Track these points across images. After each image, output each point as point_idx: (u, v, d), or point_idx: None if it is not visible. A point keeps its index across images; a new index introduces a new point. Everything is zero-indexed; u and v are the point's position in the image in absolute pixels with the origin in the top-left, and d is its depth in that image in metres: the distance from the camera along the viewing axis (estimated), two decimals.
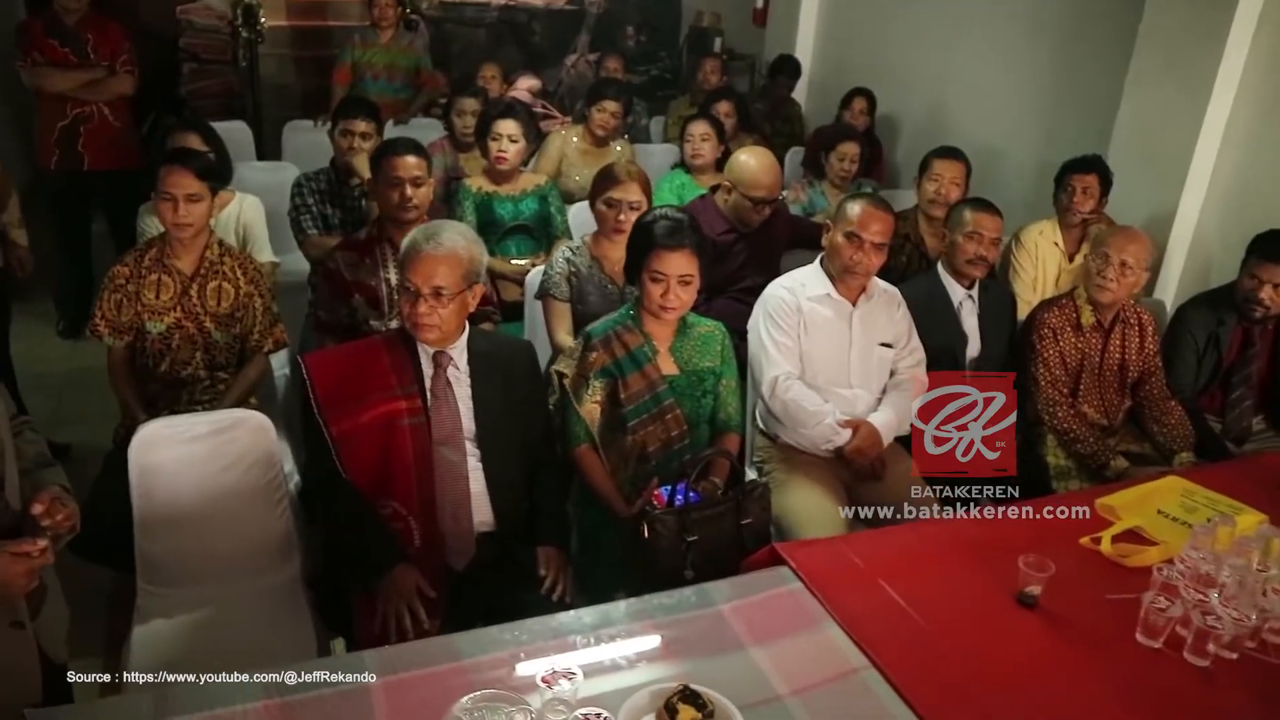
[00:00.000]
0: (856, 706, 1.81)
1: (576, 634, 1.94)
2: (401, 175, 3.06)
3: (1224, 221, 4.02)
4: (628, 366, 2.59)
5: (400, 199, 3.05)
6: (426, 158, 3.17)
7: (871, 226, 2.77)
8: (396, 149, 3.13)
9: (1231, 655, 2.04)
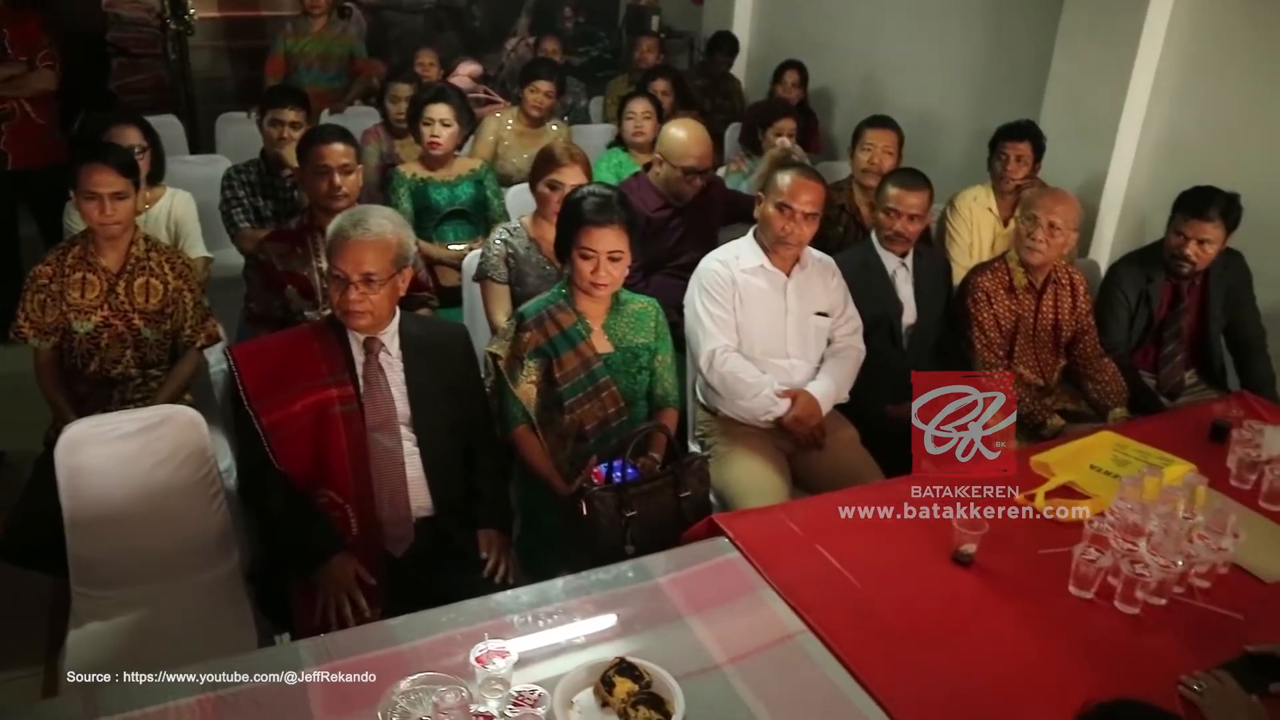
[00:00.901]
0: (793, 670, 1.83)
1: (514, 613, 1.94)
2: (329, 163, 3.02)
3: (1154, 180, 4.09)
4: (562, 345, 2.58)
5: (329, 188, 3.01)
6: (354, 145, 3.13)
7: (802, 196, 2.78)
8: (323, 136, 3.09)
9: (1160, 601, 2.09)
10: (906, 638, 1.93)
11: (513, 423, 2.61)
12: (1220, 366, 3.57)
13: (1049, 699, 1.82)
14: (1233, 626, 2.04)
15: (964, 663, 1.89)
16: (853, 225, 3.73)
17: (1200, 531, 2.20)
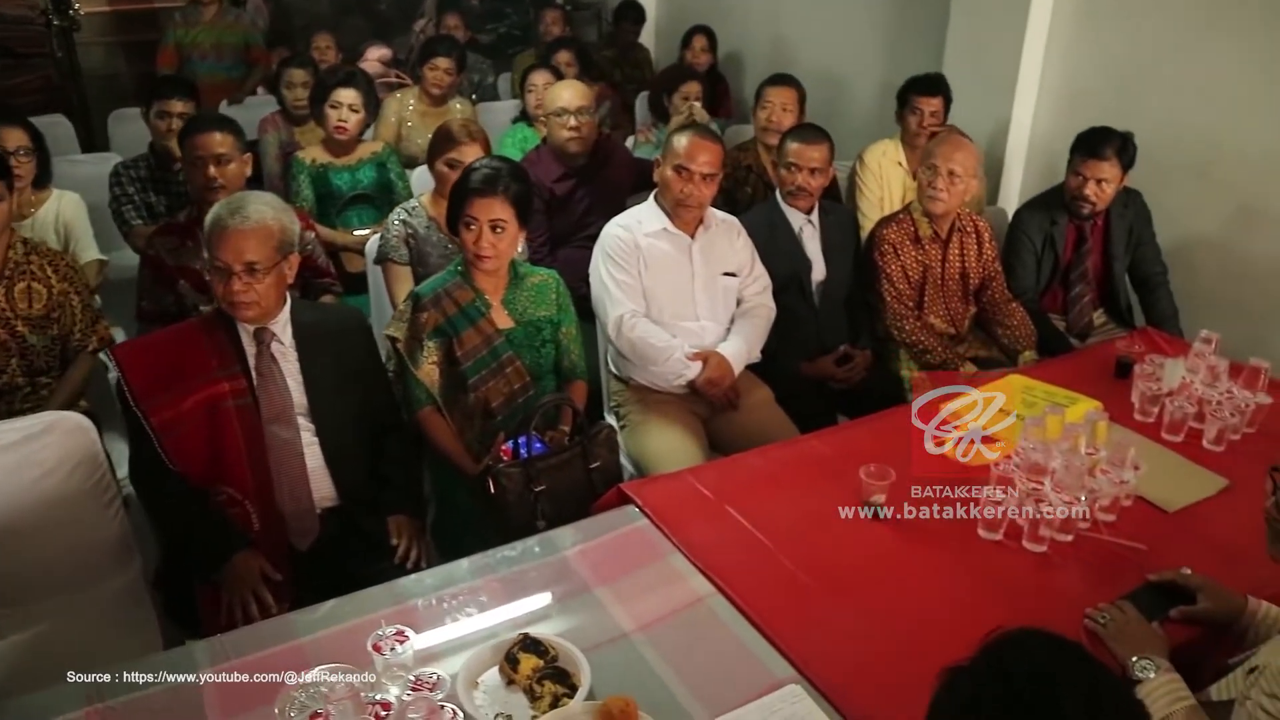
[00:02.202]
0: (703, 633, 1.81)
1: (418, 598, 1.90)
2: (203, 153, 2.92)
3: (1056, 127, 4.12)
4: (461, 323, 2.52)
5: (204, 179, 2.92)
6: (235, 133, 3.02)
7: (699, 158, 2.75)
8: (199, 126, 2.98)
9: (1067, 538, 2.11)
10: (817, 592, 1.93)
11: (417, 405, 2.55)
12: (1127, 305, 3.63)
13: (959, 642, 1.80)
14: (1137, 557, 2.07)
15: (874, 612, 1.89)
16: (760, 185, 3.71)
17: (1102, 466, 2.22)
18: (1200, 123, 3.69)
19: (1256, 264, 3.62)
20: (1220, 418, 2.50)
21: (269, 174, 4.27)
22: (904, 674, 1.72)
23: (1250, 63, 3.52)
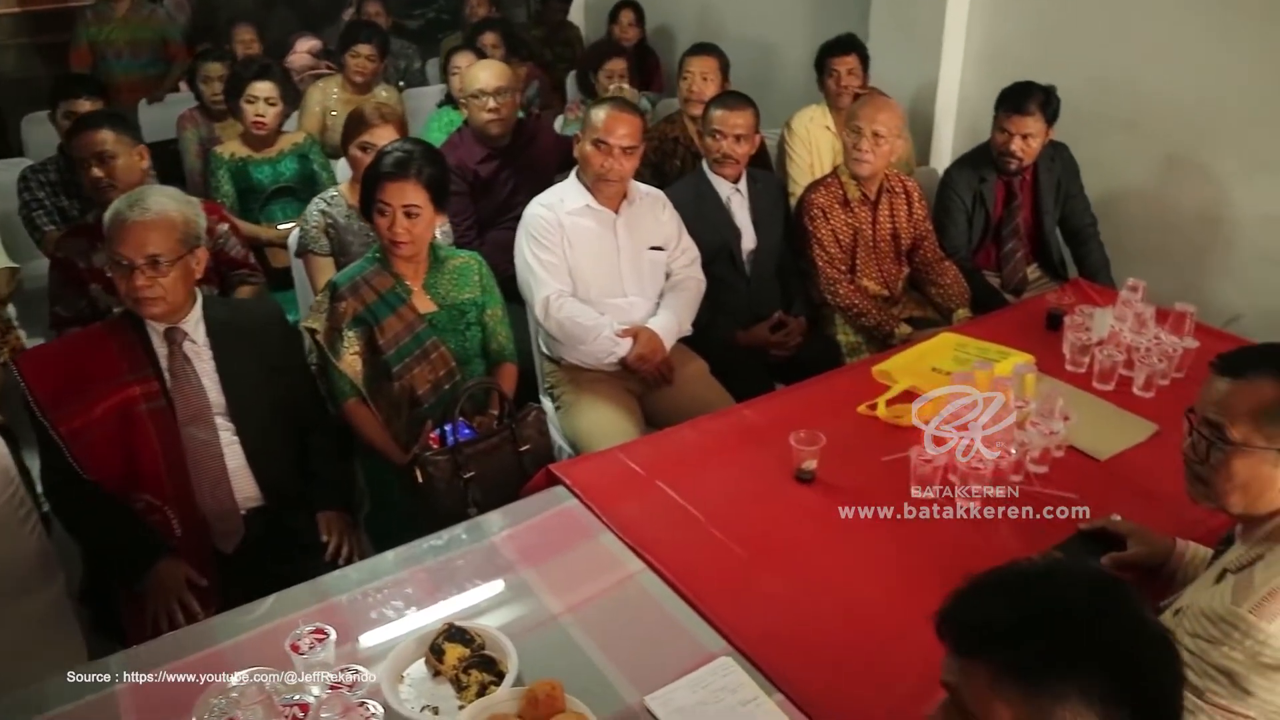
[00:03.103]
0: (633, 611, 1.79)
1: (342, 594, 1.85)
2: (86, 153, 2.83)
3: (983, 83, 4.12)
4: (381, 311, 2.46)
5: (91, 179, 2.83)
6: (121, 129, 2.90)
7: (617, 131, 2.70)
8: (86, 124, 2.90)
9: (1000, 492, 2.10)
10: (749, 563, 1.90)
11: (342, 397, 2.49)
12: (1059, 258, 3.64)
13: (893, 604, 1.81)
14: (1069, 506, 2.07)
15: (807, 580, 1.87)
16: (689, 157, 3.67)
17: (1032, 419, 2.22)
18: (1125, 74, 3.71)
19: (1183, 212, 3.65)
20: (1148, 364, 2.51)
21: (190, 171, 4.17)
22: (836, 640, 1.73)
23: (1172, 14, 3.53)
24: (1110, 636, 1.03)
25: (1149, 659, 1.04)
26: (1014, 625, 1.06)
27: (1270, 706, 1.36)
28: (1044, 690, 1.03)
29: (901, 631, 1.72)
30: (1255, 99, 3.37)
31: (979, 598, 1.10)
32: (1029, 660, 1.04)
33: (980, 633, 1.08)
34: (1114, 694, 1.01)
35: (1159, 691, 1.03)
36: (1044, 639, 1.04)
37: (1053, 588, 1.08)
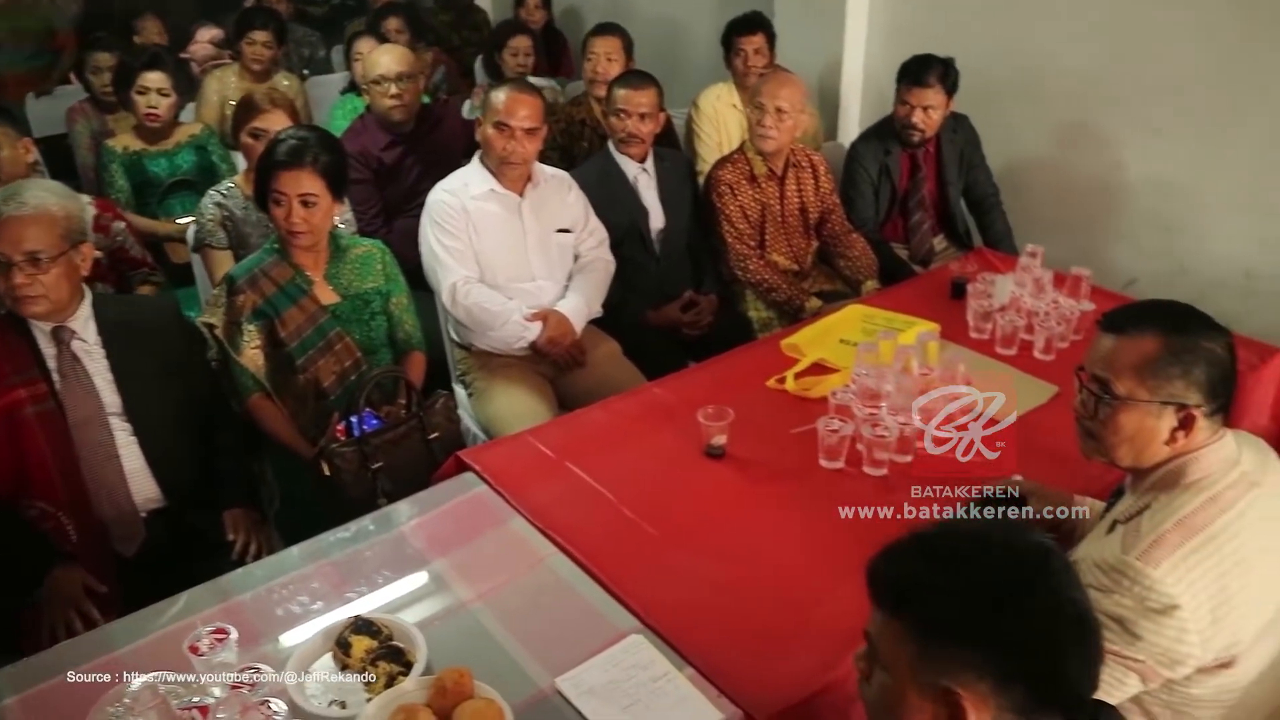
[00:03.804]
0: (544, 594, 1.78)
1: (246, 591, 1.80)
2: None
3: (887, 57, 4.14)
4: (282, 303, 2.41)
5: None
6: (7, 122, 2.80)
7: (519, 112, 2.67)
8: None
9: (906, 459, 2.13)
10: (659, 540, 1.91)
11: (245, 393, 2.43)
12: (965, 228, 3.71)
13: (802, 572, 1.83)
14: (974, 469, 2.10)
15: (719, 555, 1.88)
16: (596, 139, 3.65)
17: (936, 385, 2.25)
18: (1021, 46, 3.78)
19: (1080, 179, 3.74)
20: (1047, 327, 2.57)
21: (82, 165, 4.03)
22: (747, 611, 1.74)
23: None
24: (1018, 619, 1.05)
25: (1056, 642, 1.05)
26: (928, 590, 1.09)
27: (1157, 649, 1.40)
28: (937, 656, 1.06)
29: (811, 599, 1.74)
30: (1142, 68, 3.46)
31: (908, 555, 1.13)
32: (927, 627, 1.07)
33: (896, 590, 1.11)
34: (1010, 673, 1.04)
35: (1062, 672, 1.06)
36: (953, 610, 1.07)
37: (980, 558, 1.10)
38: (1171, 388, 1.47)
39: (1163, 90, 3.43)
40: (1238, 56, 3.22)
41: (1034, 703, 1.06)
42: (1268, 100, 3.18)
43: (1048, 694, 1.06)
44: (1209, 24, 3.26)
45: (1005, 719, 1.06)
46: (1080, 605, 1.09)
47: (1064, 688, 1.07)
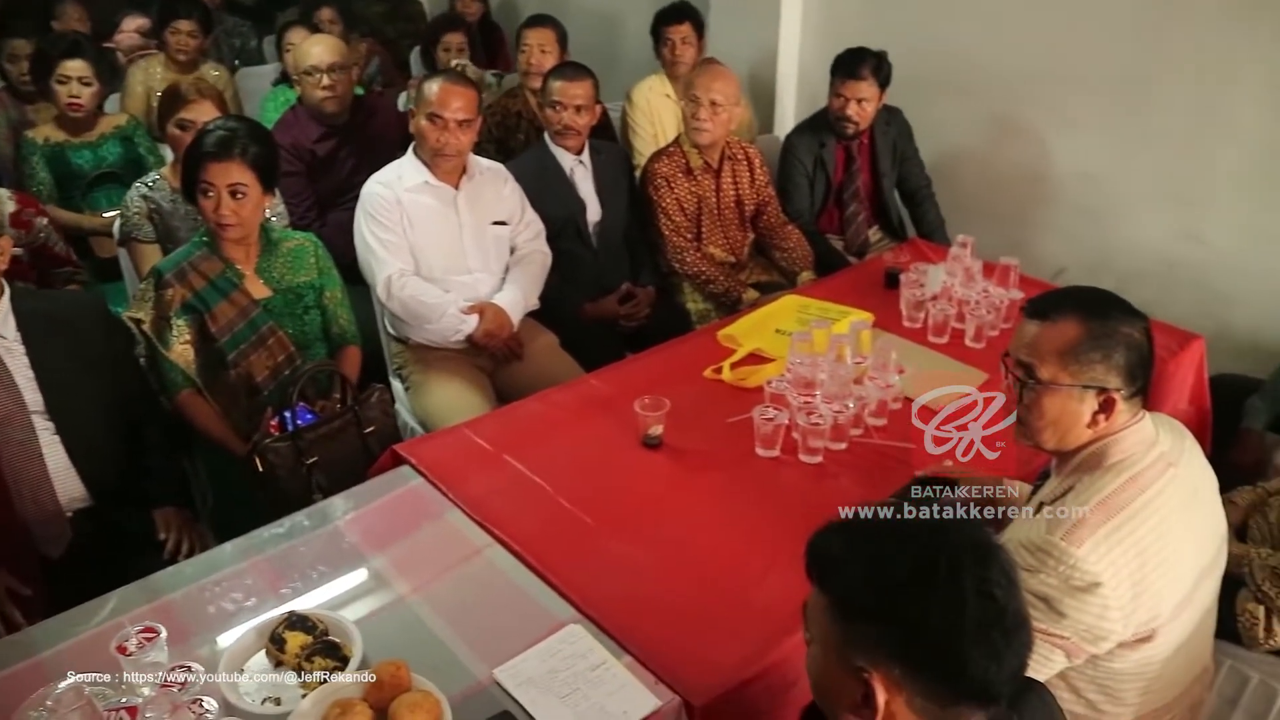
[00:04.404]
0: (481, 586, 1.77)
1: (177, 589, 1.77)
2: None
3: (821, 52, 4.18)
4: (212, 297, 2.36)
5: None
6: None
7: (452, 104, 2.65)
8: None
9: (840, 446, 2.16)
10: (597, 530, 1.91)
11: (174, 389, 2.39)
12: (899, 220, 3.76)
13: (739, 558, 1.84)
14: (907, 455, 2.13)
15: (656, 544, 1.89)
16: (532, 131, 3.63)
17: (870, 373, 2.29)
18: (952, 40, 3.84)
19: (1009, 171, 3.82)
20: (978, 316, 2.63)
21: (0, 157, 3.90)
22: (684, 598, 1.75)
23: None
24: (924, 604, 1.05)
25: (961, 631, 1.04)
26: (846, 566, 1.10)
27: (1081, 625, 1.44)
28: (853, 634, 1.08)
29: (747, 586, 1.76)
30: (1068, 61, 3.54)
31: (837, 533, 1.16)
32: (850, 604, 1.09)
33: (820, 565, 1.14)
34: (918, 659, 1.05)
35: (968, 663, 1.04)
36: (865, 588, 1.08)
37: (900, 541, 1.12)
38: (1092, 372, 1.51)
39: (1083, 84, 3.51)
40: (1147, 51, 3.31)
41: (947, 694, 1.05)
42: (1177, 94, 3.28)
43: (958, 686, 1.05)
44: (1120, 19, 3.35)
45: (921, 707, 1.06)
46: (1001, 600, 1.06)
47: (973, 680, 1.05)
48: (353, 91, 3.47)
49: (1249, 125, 3.15)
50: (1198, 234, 3.37)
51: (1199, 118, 3.25)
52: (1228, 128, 3.20)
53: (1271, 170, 3.14)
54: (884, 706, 1.06)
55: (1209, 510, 1.61)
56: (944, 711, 1.07)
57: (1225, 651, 2.01)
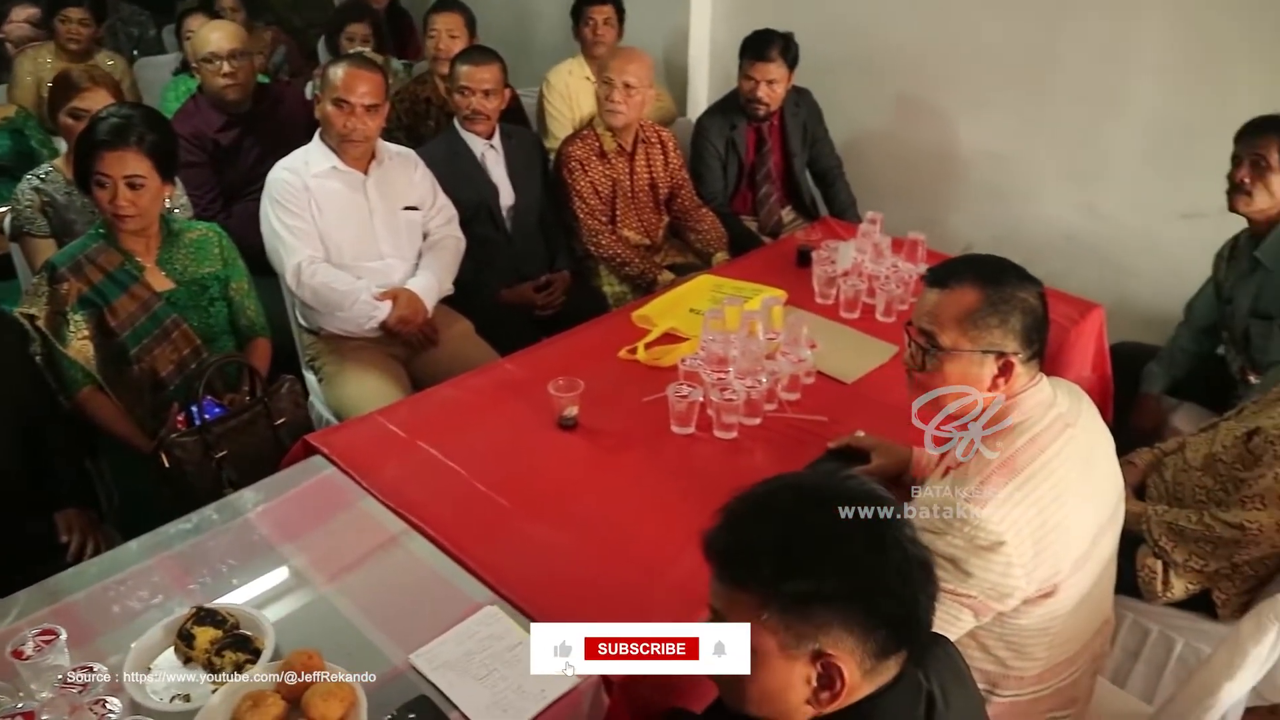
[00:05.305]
0: (396, 572, 1.75)
1: (79, 591, 1.72)
2: None
3: (731, 34, 4.20)
4: (111, 290, 2.29)
5: None
6: None
7: (358, 89, 2.60)
8: None
9: (755, 421, 2.19)
10: (513, 512, 1.90)
11: (74, 387, 2.31)
12: (811, 200, 3.81)
13: (657, 535, 1.85)
14: (821, 429, 2.18)
15: (573, 523, 1.88)
16: (442, 117, 3.58)
17: (782, 349, 2.31)
18: (858, 21, 3.90)
19: (918, 150, 3.90)
20: (887, 290, 2.67)
21: None
22: (602, 576, 1.75)
23: None
24: (869, 573, 1.07)
25: (905, 585, 1.08)
26: (778, 559, 1.08)
27: (987, 583, 1.48)
28: (806, 621, 1.07)
29: (663, 562, 1.77)
30: (964, 43, 3.63)
31: (745, 524, 1.12)
32: (791, 596, 1.07)
33: (745, 565, 1.10)
34: (872, 621, 1.07)
35: (914, 611, 1.10)
36: (807, 577, 1.07)
37: (819, 515, 1.10)
38: (991, 337, 1.55)
39: (984, 65, 3.60)
40: (1050, 33, 3.41)
41: (892, 643, 1.08)
42: (1077, 75, 3.38)
43: (904, 631, 1.09)
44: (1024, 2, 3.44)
45: (870, 668, 1.08)
46: (910, 536, 1.12)
47: (918, 621, 1.11)
48: (255, 79, 3.39)
49: (1144, 104, 3.27)
50: (1098, 209, 3.48)
51: (1098, 97, 3.35)
52: (1124, 106, 3.31)
53: (1164, 147, 3.25)
54: (849, 679, 1.07)
55: (1105, 468, 1.66)
56: (884, 662, 1.09)
57: (1127, 606, 2.09)
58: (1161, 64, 3.19)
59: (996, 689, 1.63)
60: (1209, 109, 3.03)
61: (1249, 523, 1.90)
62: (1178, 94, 3.18)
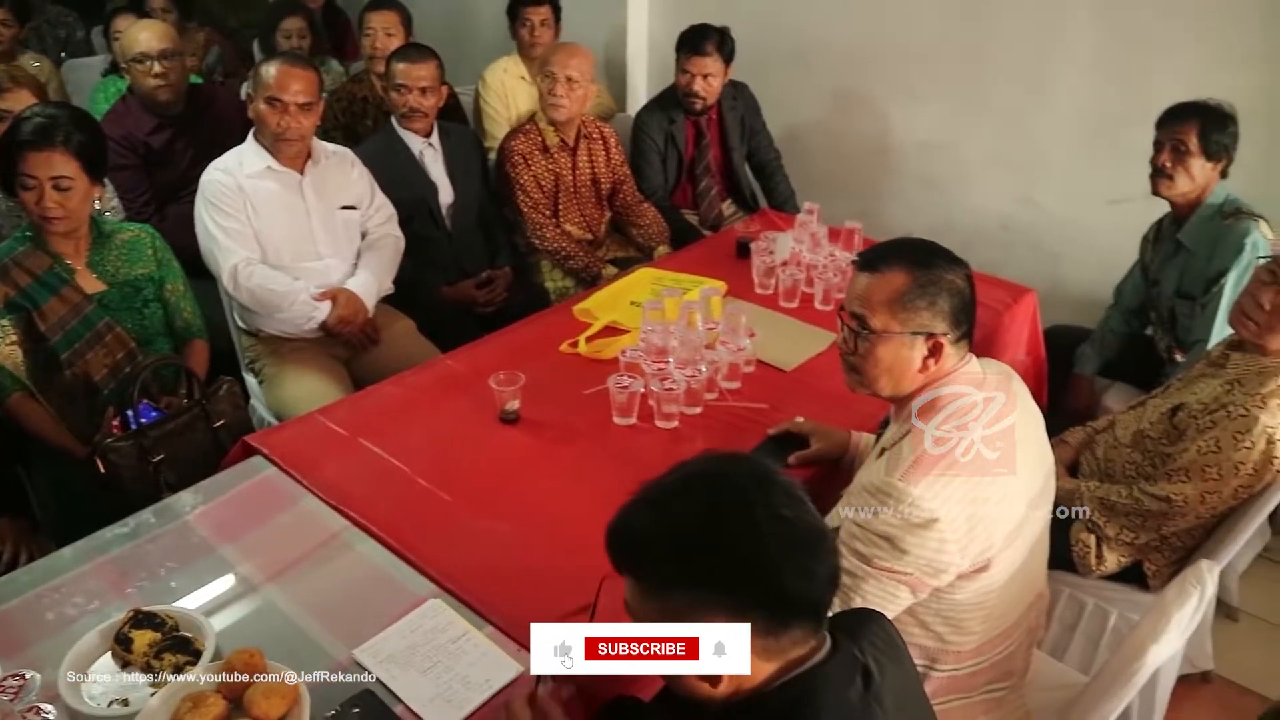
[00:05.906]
0: (337, 569, 1.75)
1: (13, 599, 1.68)
2: None
3: (669, 27, 4.22)
4: (39, 294, 2.24)
5: None
6: None
7: (291, 87, 2.58)
8: None
9: (696, 410, 2.21)
10: (455, 506, 1.90)
11: (2, 393, 2.26)
12: (750, 193, 3.84)
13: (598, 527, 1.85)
14: (761, 416, 2.21)
15: (516, 515, 1.89)
16: (380, 116, 3.56)
17: (722, 338, 2.34)
18: (797, 15, 3.94)
19: (854, 142, 3.95)
20: (825, 279, 2.71)
21: None
22: (544, 567, 1.76)
23: None
24: (727, 550, 1.08)
25: (769, 560, 1.09)
26: (646, 545, 1.13)
27: (922, 560, 1.51)
28: (678, 601, 1.10)
29: None
30: (897, 37, 3.68)
31: (629, 515, 1.16)
32: (660, 580, 1.12)
33: (622, 553, 1.15)
34: (744, 600, 1.09)
35: (787, 587, 1.09)
36: (671, 560, 1.11)
37: (694, 498, 1.13)
38: (920, 318, 1.58)
39: (917, 58, 3.66)
40: (982, 26, 3.47)
41: (776, 621, 1.10)
42: (1009, 67, 3.45)
43: (783, 610, 1.10)
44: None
45: (761, 647, 1.10)
46: (791, 518, 1.11)
47: (795, 598, 1.11)
48: (187, 80, 3.34)
49: (1073, 95, 3.34)
50: (1030, 197, 3.55)
51: (1029, 89, 3.43)
52: (1054, 97, 3.38)
53: (1092, 136, 3.33)
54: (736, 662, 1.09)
55: (1035, 444, 1.70)
56: (779, 640, 1.11)
57: (1063, 581, 2.15)
58: (1087, 56, 3.26)
59: (935, 664, 1.66)
60: (1133, 97, 3.10)
61: (1174, 495, 1.96)
62: (1104, 84, 3.26)
